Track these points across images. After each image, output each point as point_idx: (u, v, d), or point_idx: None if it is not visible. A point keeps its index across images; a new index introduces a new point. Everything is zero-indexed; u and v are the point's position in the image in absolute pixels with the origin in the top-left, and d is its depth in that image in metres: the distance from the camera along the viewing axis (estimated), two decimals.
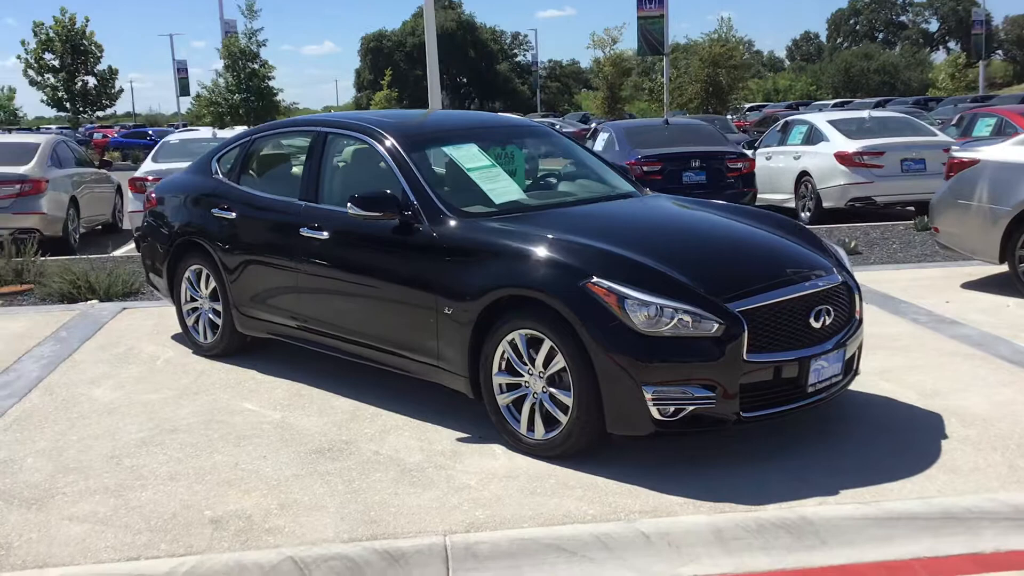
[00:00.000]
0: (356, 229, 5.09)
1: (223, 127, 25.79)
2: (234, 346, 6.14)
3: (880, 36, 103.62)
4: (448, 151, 5.32)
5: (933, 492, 3.86)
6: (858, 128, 13.45)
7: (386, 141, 5.20)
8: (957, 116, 17.04)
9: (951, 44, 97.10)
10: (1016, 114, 13.98)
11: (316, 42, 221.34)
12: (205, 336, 6.26)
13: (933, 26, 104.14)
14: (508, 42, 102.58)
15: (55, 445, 4.68)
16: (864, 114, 14.52)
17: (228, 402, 5.30)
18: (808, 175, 13.23)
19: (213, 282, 6.06)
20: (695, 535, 3.59)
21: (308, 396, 5.36)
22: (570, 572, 3.43)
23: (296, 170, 5.97)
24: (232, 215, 5.88)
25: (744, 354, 4.00)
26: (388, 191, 4.92)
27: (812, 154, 13.31)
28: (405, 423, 4.86)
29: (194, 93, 37.58)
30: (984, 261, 7.66)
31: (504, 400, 4.42)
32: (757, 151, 14.76)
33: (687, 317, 3.96)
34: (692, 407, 3.98)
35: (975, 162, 7.65)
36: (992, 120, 14.32)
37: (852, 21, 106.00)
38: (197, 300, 6.28)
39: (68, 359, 6.25)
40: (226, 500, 3.98)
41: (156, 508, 3.91)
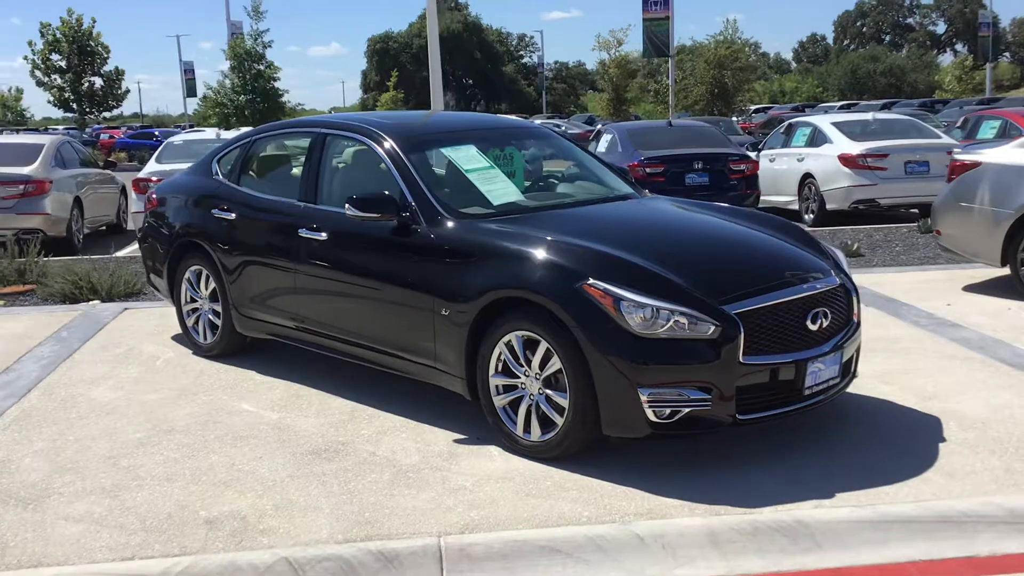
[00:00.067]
0: (354, 230, 5.09)
1: (229, 128, 25.85)
2: (233, 347, 6.15)
3: (887, 38, 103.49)
4: (446, 152, 5.33)
5: (929, 495, 3.85)
6: (862, 130, 13.44)
7: (384, 142, 5.20)
8: (962, 118, 17.00)
9: (958, 46, 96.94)
10: (1021, 116, 13.93)
11: (323, 43, 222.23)
12: (205, 337, 6.28)
13: (940, 28, 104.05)
14: (514, 44, 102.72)
15: (53, 445, 4.69)
16: (868, 116, 14.51)
17: (226, 402, 5.31)
18: (812, 177, 13.21)
19: (213, 283, 6.08)
20: (689, 537, 3.58)
21: (306, 397, 5.36)
22: (564, 574, 3.43)
23: (296, 171, 5.98)
24: (232, 216, 5.89)
25: (740, 356, 3.99)
26: (386, 192, 4.92)
27: (816, 156, 13.29)
28: (402, 424, 4.86)
29: (201, 94, 37.74)
30: (986, 264, 7.64)
31: (501, 401, 4.42)
32: (761, 153, 14.74)
33: (683, 319, 3.96)
34: (688, 409, 3.97)
35: (977, 165, 7.63)
36: (997, 122, 14.27)
37: (859, 23, 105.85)
38: (197, 301, 6.29)
39: (68, 359, 6.27)
40: (221, 501, 3.99)
41: (152, 508, 3.92)
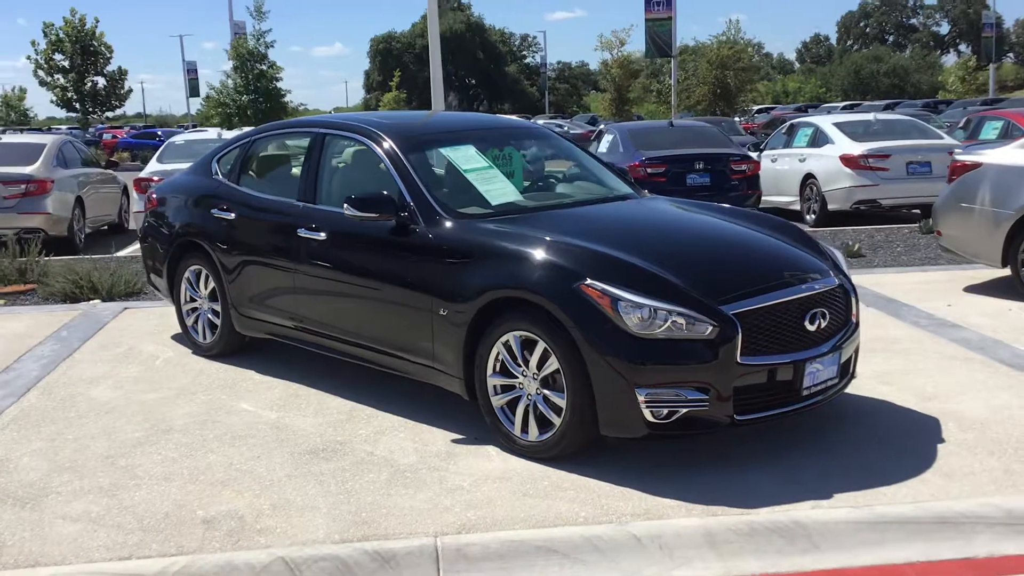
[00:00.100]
0: (353, 230, 5.09)
1: (231, 128, 25.88)
2: (233, 346, 6.16)
3: (890, 39, 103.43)
4: (445, 152, 5.32)
5: (927, 496, 3.84)
6: (864, 131, 13.42)
7: (383, 142, 5.20)
8: (964, 119, 16.98)
9: (962, 47, 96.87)
10: (1023, 117, 13.90)
11: (326, 43, 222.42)
12: (204, 336, 6.28)
13: (944, 29, 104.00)
14: (517, 44, 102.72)
15: (51, 444, 4.69)
16: (870, 117, 14.50)
17: (225, 402, 5.31)
18: (813, 177, 13.19)
19: (212, 282, 6.08)
20: (686, 538, 3.58)
21: (305, 396, 5.36)
22: (561, 574, 3.43)
23: (295, 171, 5.98)
24: (231, 216, 5.89)
25: (738, 357, 3.99)
26: (384, 192, 4.92)
27: (817, 156, 13.28)
28: (401, 424, 4.86)
29: (203, 94, 37.74)
30: (986, 264, 7.62)
31: (498, 401, 4.42)
32: (762, 153, 14.72)
33: (681, 319, 3.95)
34: (686, 410, 3.97)
35: (978, 165, 7.61)
36: (999, 123, 14.26)
37: (862, 24, 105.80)
38: (196, 300, 6.29)
39: (68, 359, 6.27)
40: (219, 500, 3.99)
41: (149, 508, 3.92)
